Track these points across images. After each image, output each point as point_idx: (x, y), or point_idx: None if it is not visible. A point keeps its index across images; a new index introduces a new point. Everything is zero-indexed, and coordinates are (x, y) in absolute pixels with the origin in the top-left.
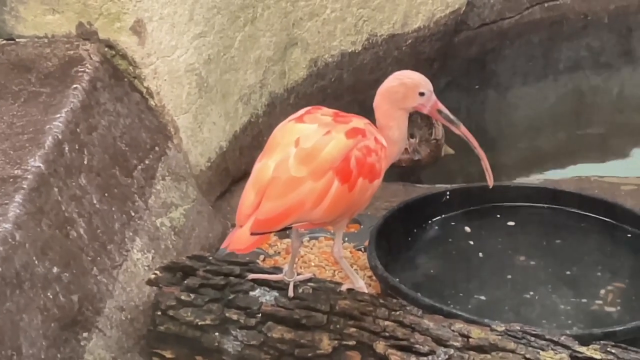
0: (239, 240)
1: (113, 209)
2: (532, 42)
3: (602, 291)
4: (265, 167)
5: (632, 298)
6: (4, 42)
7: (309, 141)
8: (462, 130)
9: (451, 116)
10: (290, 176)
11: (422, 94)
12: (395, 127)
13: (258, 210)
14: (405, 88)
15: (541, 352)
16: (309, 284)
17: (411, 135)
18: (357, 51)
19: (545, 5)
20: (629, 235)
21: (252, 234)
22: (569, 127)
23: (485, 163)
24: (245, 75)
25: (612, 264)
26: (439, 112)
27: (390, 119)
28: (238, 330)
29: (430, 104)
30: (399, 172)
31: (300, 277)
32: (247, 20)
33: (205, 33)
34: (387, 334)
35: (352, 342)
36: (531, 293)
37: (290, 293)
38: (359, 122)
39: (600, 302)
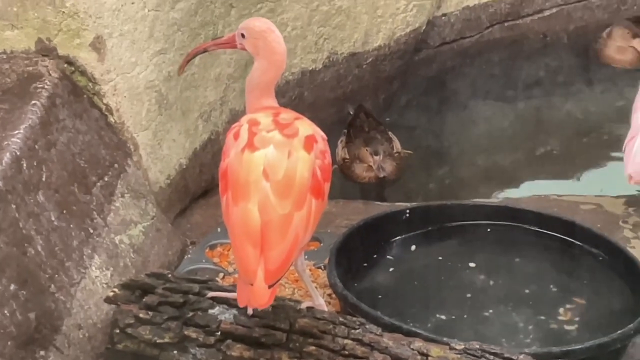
0: (260, 297)
1: (71, 226)
2: (492, 61)
3: (561, 309)
4: (248, 212)
5: (591, 316)
6: None
7: (279, 171)
8: None
9: None
10: (279, 216)
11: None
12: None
13: (265, 262)
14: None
15: None
16: None
17: (375, 152)
18: (317, 69)
19: (505, 24)
20: (588, 254)
21: (270, 286)
22: (528, 146)
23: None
24: (205, 92)
25: (571, 283)
26: None
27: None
28: (197, 348)
29: None
30: (360, 189)
31: None
32: (208, 37)
33: (166, 50)
34: (346, 352)
35: None
36: (490, 311)
37: (250, 311)
38: (303, 126)
39: (559, 320)
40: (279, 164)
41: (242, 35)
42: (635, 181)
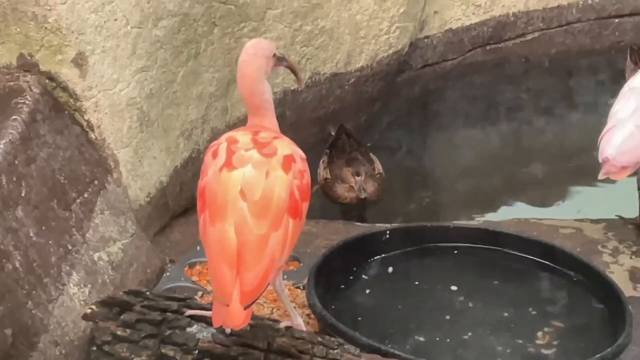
0: (235, 317)
1: (50, 242)
2: (474, 84)
3: (539, 333)
4: (225, 233)
5: (569, 340)
6: None
7: (256, 191)
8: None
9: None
10: (256, 236)
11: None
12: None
13: (241, 283)
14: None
15: None
16: None
17: (357, 173)
18: (299, 89)
19: (488, 47)
20: (567, 277)
21: (246, 307)
22: (509, 169)
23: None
24: (187, 110)
25: (549, 306)
26: (281, 58)
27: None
28: None
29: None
30: (340, 210)
31: None
32: (190, 55)
33: (148, 67)
34: None
35: None
36: (469, 334)
37: (228, 330)
38: (282, 146)
39: (537, 344)
40: (256, 183)
41: None
42: (608, 169)
